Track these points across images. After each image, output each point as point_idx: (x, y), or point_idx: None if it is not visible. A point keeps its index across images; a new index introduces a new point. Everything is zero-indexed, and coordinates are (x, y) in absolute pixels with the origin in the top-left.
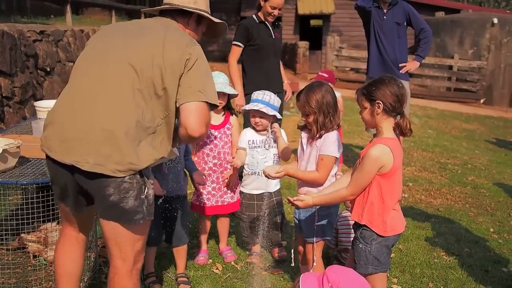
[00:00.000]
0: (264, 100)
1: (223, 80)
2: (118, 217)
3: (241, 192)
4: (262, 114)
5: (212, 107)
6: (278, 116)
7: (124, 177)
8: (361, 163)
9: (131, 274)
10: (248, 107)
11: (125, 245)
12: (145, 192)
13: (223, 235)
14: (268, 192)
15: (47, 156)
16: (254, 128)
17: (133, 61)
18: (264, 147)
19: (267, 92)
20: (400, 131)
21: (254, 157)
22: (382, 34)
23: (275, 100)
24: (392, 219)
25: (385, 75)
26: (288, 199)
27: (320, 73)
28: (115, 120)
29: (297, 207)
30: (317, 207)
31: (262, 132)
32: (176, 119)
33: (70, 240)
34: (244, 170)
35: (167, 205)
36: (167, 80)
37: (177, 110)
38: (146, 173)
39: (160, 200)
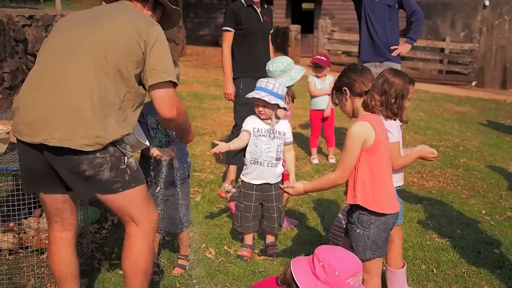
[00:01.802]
0: (267, 88)
1: (278, 70)
2: (98, 188)
3: (241, 181)
4: (264, 103)
5: (174, 85)
6: (282, 104)
7: (96, 152)
8: (344, 143)
9: (146, 235)
10: (250, 95)
11: (131, 209)
12: (126, 161)
13: None
14: (269, 184)
15: (18, 141)
16: (259, 116)
17: (94, 41)
18: (269, 136)
19: (271, 79)
20: (366, 106)
21: (258, 146)
22: (373, 17)
23: (279, 88)
24: (389, 197)
25: (351, 64)
26: (280, 186)
27: (317, 56)
28: (79, 97)
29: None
30: None
31: (267, 121)
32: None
33: (56, 243)
34: (245, 158)
35: (161, 191)
36: (128, 57)
37: (143, 88)
38: (120, 144)
39: (158, 189)
